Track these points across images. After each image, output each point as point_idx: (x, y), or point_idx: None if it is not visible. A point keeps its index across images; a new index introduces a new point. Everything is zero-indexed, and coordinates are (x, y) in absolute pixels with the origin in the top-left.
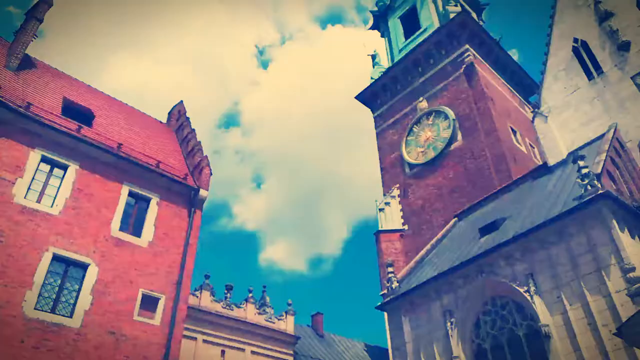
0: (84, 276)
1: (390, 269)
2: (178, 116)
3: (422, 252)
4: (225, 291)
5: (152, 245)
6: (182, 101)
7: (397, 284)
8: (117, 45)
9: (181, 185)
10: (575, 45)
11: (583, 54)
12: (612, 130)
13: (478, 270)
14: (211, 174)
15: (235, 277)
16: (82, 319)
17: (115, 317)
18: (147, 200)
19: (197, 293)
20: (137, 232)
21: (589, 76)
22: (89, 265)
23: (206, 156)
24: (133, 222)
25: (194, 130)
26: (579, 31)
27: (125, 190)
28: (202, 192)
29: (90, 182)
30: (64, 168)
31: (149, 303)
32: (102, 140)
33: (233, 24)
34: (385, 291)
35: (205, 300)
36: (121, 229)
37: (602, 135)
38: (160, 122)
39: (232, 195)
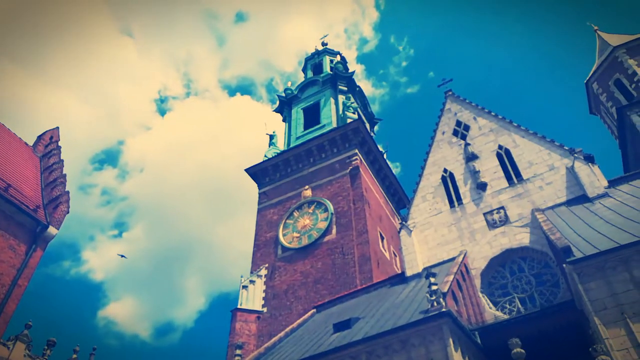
0: None
1: (238, 351)
2: (48, 142)
3: (275, 338)
4: (46, 347)
5: None
6: (58, 127)
7: None
8: None
9: (28, 217)
10: (445, 174)
11: (449, 184)
12: (462, 256)
13: None
14: (68, 212)
15: (64, 332)
16: None
17: None
18: None
19: (10, 343)
20: None
21: (451, 204)
22: None
23: (67, 192)
24: None
25: (62, 160)
26: (449, 163)
27: None
28: (51, 230)
29: None
30: None
31: None
32: None
33: (140, 65)
34: None
35: (18, 354)
36: None
37: (453, 259)
38: (26, 144)
39: (85, 238)
